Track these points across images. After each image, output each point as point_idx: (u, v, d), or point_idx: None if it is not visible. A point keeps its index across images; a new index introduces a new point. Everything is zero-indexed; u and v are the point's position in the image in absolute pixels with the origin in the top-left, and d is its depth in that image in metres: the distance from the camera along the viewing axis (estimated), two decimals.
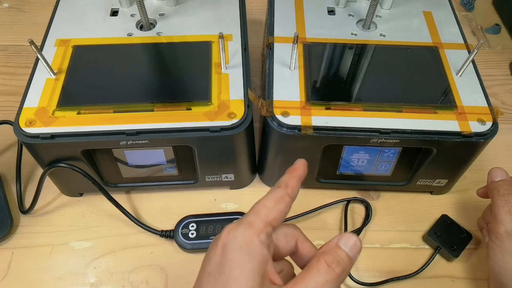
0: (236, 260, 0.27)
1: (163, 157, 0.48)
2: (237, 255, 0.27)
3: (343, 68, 0.49)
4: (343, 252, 0.28)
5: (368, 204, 0.53)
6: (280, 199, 0.29)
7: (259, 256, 0.27)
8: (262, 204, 0.29)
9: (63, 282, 0.47)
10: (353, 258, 0.29)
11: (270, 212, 0.29)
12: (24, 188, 0.54)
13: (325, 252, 0.28)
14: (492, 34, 0.77)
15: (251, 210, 0.29)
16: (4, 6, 0.78)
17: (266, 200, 0.30)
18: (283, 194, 0.30)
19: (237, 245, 0.27)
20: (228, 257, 0.27)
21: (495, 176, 0.44)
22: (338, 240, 0.29)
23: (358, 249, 0.29)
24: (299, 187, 0.31)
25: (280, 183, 0.31)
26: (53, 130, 0.42)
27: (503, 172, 0.44)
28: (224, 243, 0.28)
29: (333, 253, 0.28)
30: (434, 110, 0.45)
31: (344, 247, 0.29)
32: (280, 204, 0.29)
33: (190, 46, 0.50)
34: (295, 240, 0.31)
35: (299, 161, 0.33)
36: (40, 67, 0.47)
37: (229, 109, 0.44)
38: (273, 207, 0.29)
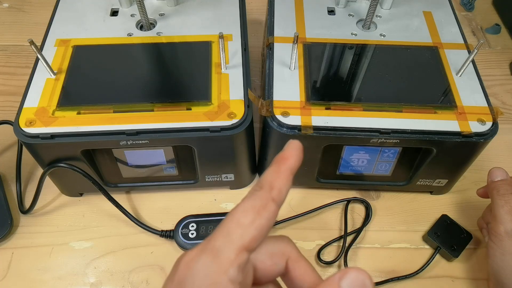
0: None
1: (163, 157, 0.48)
2: None
3: (343, 68, 0.49)
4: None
5: (368, 204, 0.53)
6: (261, 209, 0.22)
7: None
8: (236, 220, 0.21)
9: (63, 282, 0.47)
10: None
11: (245, 233, 0.21)
12: (24, 188, 0.54)
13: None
14: (492, 34, 0.77)
15: (220, 227, 0.22)
16: (4, 6, 0.78)
17: (241, 212, 0.22)
18: (265, 201, 0.22)
19: (195, 286, 0.20)
20: None
21: (495, 176, 0.44)
22: (340, 278, 0.22)
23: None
24: (289, 185, 0.23)
25: (263, 182, 0.23)
26: (53, 130, 0.42)
27: (503, 172, 0.44)
28: (180, 280, 0.21)
29: None
30: (434, 110, 0.45)
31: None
32: (261, 217, 0.22)
33: (190, 46, 0.50)
34: (285, 260, 0.24)
35: (290, 146, 0.25)
36: (40, 67, 0.47)
37: (229, 109, 0.44)
38: (250, 224, 0.21)
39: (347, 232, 0.51)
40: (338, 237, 0.51)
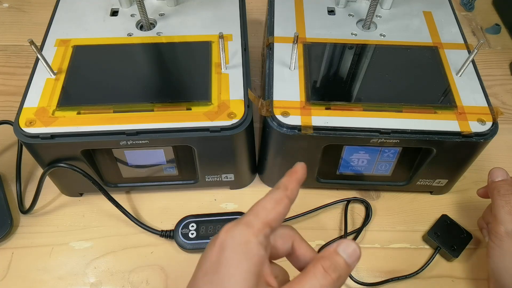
0: (232, 259, 0.27)
1: (163, 157, 0.48)
2: (234, 254, 0.27)
3: (343, 68, 0.49)
4: (341, 258, 0.28)
5: (368, 204, 0.53)
6: (279, 201, 0.29)
7: (256, 256, 0.27)
8: (262, 206, 0.29)
9: (63, 282, 0.47)
10: (351, 265, 0.29)
11: (269, 214, 0.29)
12: (24, 188, 0.54)
13: (323, 257, 0.28)
14: (492, 34, 0.77)
15: (250, 211, 0.29)
16: (4, 6, 0.78)
17: (265, 201, 0.29)
18: (282, 196, 0.30)
19: (235, 244, 0.27)
20: (224, 256, 0.27)
21: (495, 176, 0.44)
22: (337, 246, 0.29)
23: (357, 256, 0.29)
24: (298, 189, 0.31)
25: (280, 185, 0.31)
26: (53, 130, 0.42)
27: (503, 172, 0.44)
28: (221, 241, 0.28)
29: (331, 259, 0.28)
30: (434, 110, 0.45)
31: (342, 253, 0.28)
32: (279, 206, 0.29)
33: (190, 46, 0.50)
34: (291, 241, 0.31)
35: (298, 164, 0.32)
36: (40, 67, 0.47)
37: (229, 109, 0.44)
38: (272, 209, 0.29)
39: (347, 232, 0.51)
40: (338, 237, 0.51)
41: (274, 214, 0.29)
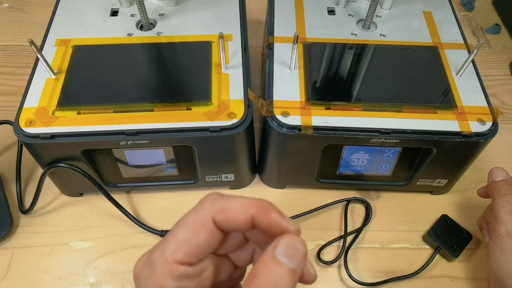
0: None
1: (163, 157, 0.48)
2: None
3: (343, 68, 0.49)
4: (282, 268, 0.20)
5: (368, 204, 0.53)
6: (199, 227, 0.22)
7: None
8: (173, 235, 0.22)
9: (63, 282, 0.47)
10: (297, 269, 0.20)
11: (178, 249, 0.21)
12: (24, 188, 0.54)
13: (256, 273, 0.20)
14: (492, 34, 0.77)
15: (163, 239, 0.23)
16: (4, 6, 0.78)
17: (179, 227, 0.22)
18: (205, 219, 0.22)
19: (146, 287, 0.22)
20: None
21: (495, 176, 0.44)
22: (274, 248, 0.20)
23: (302, 256, 0.21)
24: (241, 218, 0.22)
25: (205, 200, 0.23)
26: (53, 130, 0.42)
27: (503, 172, 0.44)
28: (136, 278, 0.23)
29: (266, 273, 0.20)
30: (434, 110, 0.45)
31: (282, 258, 0.20)
32: (197, 236, 0.22)
33: (190, 46, 0.50)
34: (250, 252, 0.25)
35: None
36: (40, 67, 0.47)
37: (229, 109, 0.44)
38: (185, 241, 0.22)
39: (347, 232, 0.51)
40: (338, 237, 0.51)
41: (187, 249, 0.21)
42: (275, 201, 0.54)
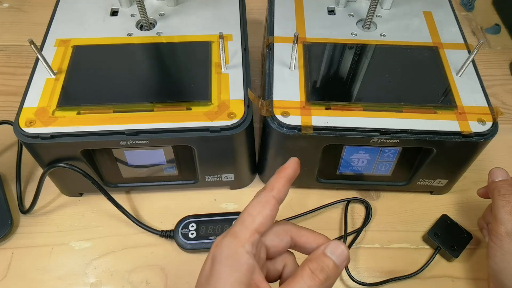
0: (222, 272, 0.28)
1: (163, 157, 0.48)
2: (223, 267, 0.28)
3: (343, 68, 0.49)
4: (329, 259, 0.29)
5: (368, 204, 0.53)
6: (265, 203, 0.30)
7: (244, 266, 0.28)
8: (247, 212, 0.30)
9: (63, 282, 0.47)
10: (339, 266, 0.29)
11: (255, 220, 0.29)
12: (24, 188, 0.54)
13: (311, 259, 0.29)
14: (492, 34, 0.77)
15: (238, 219, 0.30)
16: (4, 6, 0.78)
17: (250, 207, 0.30)
18: (268, 198, 0.30)
19: (223, 257, 0.28)
20: (215, 269, 0.28)
21: (495, 176, 0.44)
22: (325, 248, 0.30)
23: (345, 257, 0.29)
24: (287, 188, 0.31)
25: (266, 186, 0.31)
26: (53, 130, 0.42)
27: (503, 172, 0.44)
28: (213, 255, 0.29)
29: (318, 261, 0.29)
30: (434, 110, 0.45)
31: (330, 255, 0.29)
32: (265, 209, 0.30)
33: (190, 46, 0.50)
34: (289, 236, 0.32)
35: (290, 160, 0.33)
36: (40, 67, 0.47)
37: (229, 109, 0.44)
38: (258, 214, 0.29)
39: (347, 232, 0.51)
40: (338, 237, 0.51)
41: (261, 219, 0.29)
42: None
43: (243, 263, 0.28)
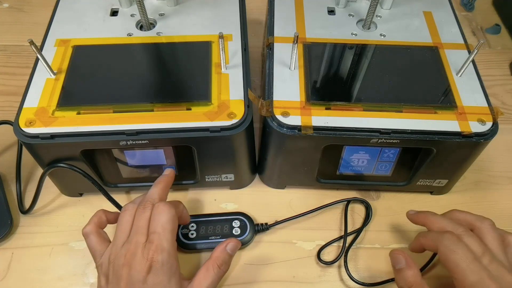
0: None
1: (163, 157, 0.48)
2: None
3: (343, 68, 0.49)
4: (228, 254, 0.42)
5: (368, 204, 0.53)
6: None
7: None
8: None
9: (63, 282, 0.47)
10: (232, 255, 0.42)
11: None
12: (24, 188, 0.54)
13: (213, 254, 0.41)
14: (492, 34, 0.77)
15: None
16: (4, 6, 0.78)
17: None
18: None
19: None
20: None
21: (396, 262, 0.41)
22: (225, 245, 0.42)
23: (236, 249, 0.43)
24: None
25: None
26: (53, 130, 0.42)
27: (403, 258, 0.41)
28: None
29: (219, 253, 0.41)
30: (434, 110, 0.45)
31: (229, 251, 0.42)
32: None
33: (190, 46, 0.50)
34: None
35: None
36: (40, 67, 0.47)
37: (229, 109, 0.44)
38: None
39: (347, 232, 0.51)
40: (338, 237, 0.51)
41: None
42: (275, 201, 0.54)
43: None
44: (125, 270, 0.37)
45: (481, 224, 0.41)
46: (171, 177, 0.46)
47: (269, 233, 0.51)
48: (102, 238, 0.42)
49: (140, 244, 0.38)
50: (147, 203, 0.41)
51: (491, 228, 0.40)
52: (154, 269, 0.37)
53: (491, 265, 0.37)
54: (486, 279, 0.36)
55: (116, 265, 0.38)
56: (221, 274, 0.41)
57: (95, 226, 0.42)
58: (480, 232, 0.40)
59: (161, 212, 0.39)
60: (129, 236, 0.39)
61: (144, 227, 0.39)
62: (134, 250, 0.37)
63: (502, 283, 0.36)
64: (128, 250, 0.38)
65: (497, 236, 0.40)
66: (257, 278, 0.48)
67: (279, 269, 0.49)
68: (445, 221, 0.42)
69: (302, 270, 0.49)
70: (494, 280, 0.36)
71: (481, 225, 0.40)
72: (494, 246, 0.39)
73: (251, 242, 0.50)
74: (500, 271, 0.37)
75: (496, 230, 0.40)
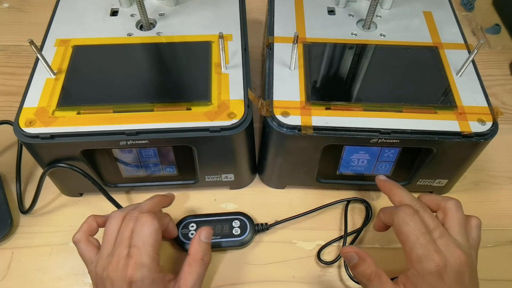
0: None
1: (162, 157, 0.48)
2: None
3: (343, 68, 0.49)
4: (204, 244, 0.42)
5: (368, 204, 0.53)
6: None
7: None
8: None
9: (63, 282, 0.47)
10: (208, 243, 0.42)
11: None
12: (24, 188, 0.54)
13: (190, 247, 0.42)
14: (492, 34, 0.77)
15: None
16: (4, 6, 0.78)
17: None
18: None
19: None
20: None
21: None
22: (199, 234, 0.42)
23: (210, 237, 0.43)
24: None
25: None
26: (53, 130, 0.42)
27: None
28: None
29: (194, 246, 0.41)
30: (434, 110, 0.45)
31: (204, 239, 0.42)
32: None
33: (190, 46, 0.50)
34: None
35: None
36: (40, 67, 0.47)
37: (229, 109, 0.44)
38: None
39: (347, 232, 0.51)
40: (338, 237, 0.51)
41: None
42: (275, 201, 0.54)
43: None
44: (108, 283, 0.37)
45: (445, 204, 0.40)
46: (170, 198, 0.48)
47: (269, 233, 0.51)
48: (92, 245, 0.41)
49: (122, 257, 0.38)
50: (134, 213, 0.41)
51: (455, 208, 0.40)
52: (135, 285, 0.37)
53: (440, 239, 0.37)
54: (432, 252, 0.36)
55: (102, 277, 0.38)
56: (205, 266, 0.41)
57: (85, 234, 0.42)
58: (444, 211, 0.40)
59: (144, 223, 0.39)
60: (113, 248, 0.39)
61: (127, 238, 0.39)
62: (116, 263, 0.38)
63: (449, 258, 0.36)
64: (111, 263, 0.38)
65: (459, 215, 0.40)
66: (257, 278, 0.48)
67: (279, 269, 0.49)
68: (406, 195, 0.42)
69: (302, 270, 0.49)
70: (440, 254, 0.36)
71: (446, 204, 0.40)
72: (454, 224, 0.39)
73: (251, 242, 0.50)
74: (449, 246, 0.37)
75: (460, 210, 0.40)
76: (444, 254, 0.36)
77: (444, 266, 0.36)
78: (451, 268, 0.36)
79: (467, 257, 0.37)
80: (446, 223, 0.39)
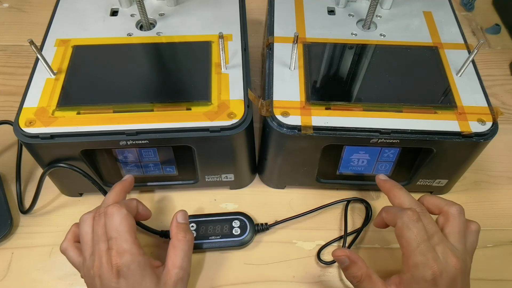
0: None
1: (162, 157, 0.48)
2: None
3: (343, 68, 0.49)
4: (181, 224, 0.43)
5: (368, 204, 0.53)
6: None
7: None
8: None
9: (63, 282, 0.47)
10: (186, 223, 0.44)
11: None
12: (24, 188, 0.54)
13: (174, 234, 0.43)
14: (492, 34, 0.77)
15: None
16: (4, 6, 0.78)
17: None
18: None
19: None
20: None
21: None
22: (176, 217, 0.44)
23: (187, 218, 0.45)
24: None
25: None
26: (53, 130, 0.42)
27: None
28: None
29: (173, 230, 0.43)
30: (434, 110, 0.45)
31: (180, 220, 0.44)
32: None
33: (190, 46, 0.50)
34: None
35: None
36: (40, 67, 0.47)
37: (229, 109, 0.44)
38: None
39: (347, 232, 0.51)
40: (338, 237, 0.51)
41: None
42: (275, 201, 0.54)
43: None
44: (97, 281, 0.38)
45: (448, 209, 0.40)
46: (128, 182, 0.47)
47: (269, 233, 0.51)
48: (80, 251, 0.42)
49: (103, 253, 0.38)
50: (101, 209, 0.41)
51: (457, 214, 0.40)
52: (123, 272, 0.37)
53: (438, 246, 0.38)
54: (430, 260, 0.37)
55: (90, 278, 0.39)
56: (189, 244, 0.42)
57: (71, 241, 0.43)
58: (446, 216, 0.40)
59: (112, 215, 0.40)
60: (92, 247, 0.40)
61: (103, 234, 0.39)
62: (99, 260, 0.38)
63: (445, 266, 0.37)
64: (94, 261, 0.39)
65: (461, 222, 0.40)
66: (257, 278, 0.48)
67: (279, 269, 0.49)
68: (406, 197, 0.42)
69: (302, 270, 0.49)
70: (437, 262, 0.37)
71: (449, 209, 0.40)
72: (454, 230, 0.39)
73: (251, 242, 0.50)
74: (447, 253, 0.37)
75: (462, 217, 0.40)
76: (441, 262, 0.37)
77: (440, 274, 0.36)
78: (446, 276, 0.37)
79: (462, 264, 0.37)
80: (447, 228, 0.40)
